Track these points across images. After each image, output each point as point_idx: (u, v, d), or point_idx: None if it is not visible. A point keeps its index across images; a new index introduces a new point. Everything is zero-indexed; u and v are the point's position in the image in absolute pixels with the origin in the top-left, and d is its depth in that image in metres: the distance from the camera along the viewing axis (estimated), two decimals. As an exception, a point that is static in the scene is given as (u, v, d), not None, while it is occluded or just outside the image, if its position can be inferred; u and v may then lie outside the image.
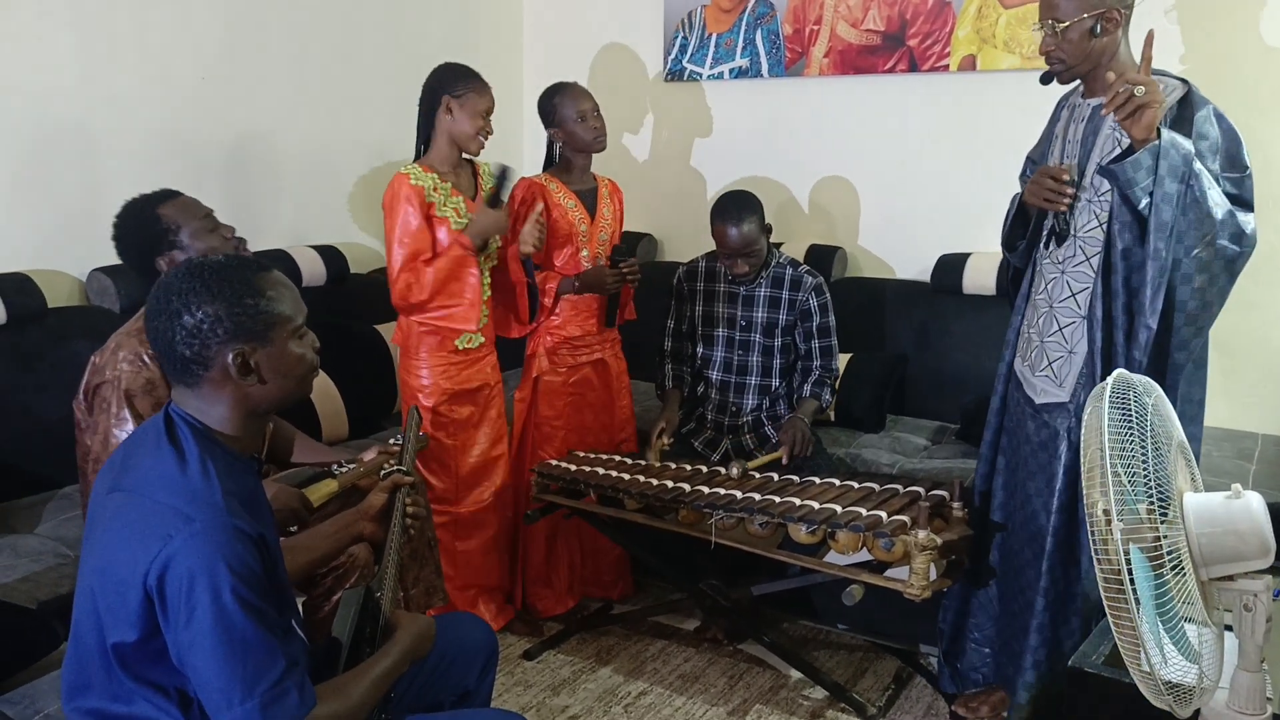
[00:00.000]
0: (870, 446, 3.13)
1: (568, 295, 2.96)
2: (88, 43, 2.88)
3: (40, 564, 2.22)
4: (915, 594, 2.19)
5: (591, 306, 3.01)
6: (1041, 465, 2.24)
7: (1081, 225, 2.15)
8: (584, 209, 2.99)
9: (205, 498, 1.36)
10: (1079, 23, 2.04)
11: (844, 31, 3.59)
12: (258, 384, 1.45)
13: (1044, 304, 2.24)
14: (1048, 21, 2.08)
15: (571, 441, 3.06)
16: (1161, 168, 1.90)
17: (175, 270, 1.46)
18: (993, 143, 3.34)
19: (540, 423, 3.05)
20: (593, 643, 2.99)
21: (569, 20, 4.22)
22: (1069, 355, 2.18)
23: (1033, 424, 2.27)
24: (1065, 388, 2.18)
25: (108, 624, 1.37)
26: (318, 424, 3.04)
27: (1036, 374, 2.25)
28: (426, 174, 2.69)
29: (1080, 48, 2.06)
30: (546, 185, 2.95)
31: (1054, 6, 2.06)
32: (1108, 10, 2.03)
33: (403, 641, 1.59)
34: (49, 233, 2.84)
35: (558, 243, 2.96)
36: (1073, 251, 2.16)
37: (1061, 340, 2.19)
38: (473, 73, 2.71)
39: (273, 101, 3.40)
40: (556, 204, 2.94)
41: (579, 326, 3.01)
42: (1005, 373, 2.39)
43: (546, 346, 3.00)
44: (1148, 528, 1.43)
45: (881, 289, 3.55)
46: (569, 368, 3.03)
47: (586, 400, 3.09)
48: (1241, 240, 1.97)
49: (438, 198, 2.68)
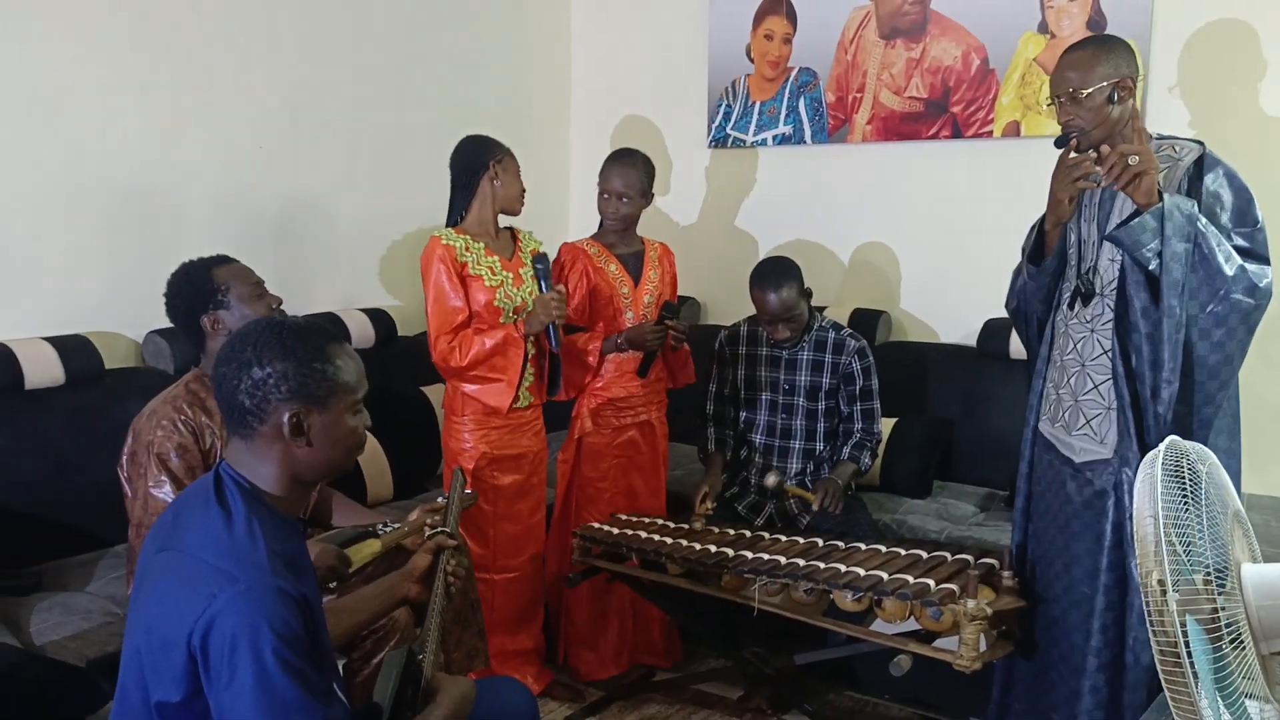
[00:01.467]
0: (916, 513, 3.08)
1: (611, 355, 2.97)
2: (154, 115, 2.99)
3: (90, 621, 2.25)
4: (965, 665, 2.14)
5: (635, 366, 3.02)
6: (1087, 524, 2.21)
7: (1107, 283, 2.17)
8: (626, 273, 3.02)
9: (250, 557, 1.37)
10: (1097, 90, 2.09)
11: (887, 99, 3.62)
12: (306, 447, 1.47)
13: (1074, 364, 2.25)
14: (1066, 93, 2.13)
15: (618, 504, 3.05)
16: (1167, 229, 1.98)
17: (256, 323, 1.51)
18: (1037, 207, 3.24)
19: (584, 484, 3.04)
20: (634, 711, 2.95)
21: (615, 88, 4.30)
22: (1107, 411, 2.18)
23: (1074, 484, 2.24)
24: (1108, 444, 2.18)
25: (152, 683, 1.37)
26: (363, 484, 3.07)
27: (1073, 433, 2.24)
28: (458, 235, 2.73)
29: (1100, 114, 2.11)
30: (587, 250, 2.99)
31: (1068, 80, 2.13)
32: (1122, 79, 2.10)
33: (444, 705, 1.59)
34: (108, 295, 2.93)
35: (599, 305, 2.98)
36: (1100, 310, 2.18)
37: (1098, 397, 2.19)
38: (496, 140, 2.80)
39: (326, 170, 3.49)
40: (598, 268, 2.98)
41: (623, 388, 3.01)
42: (1030, 437, 2.38)
43: (590, 408, 3.01)
44: (1204, 599, 1.39)
45: (926, 353, 3.52)
46: (614, 429, 3.02)
47: (634, 463, 3.07)
48: (1255, 293, 2.02)
49: (470, 257, 2.72)
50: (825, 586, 2.33)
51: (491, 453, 2.80)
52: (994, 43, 3.40)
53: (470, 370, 2.71)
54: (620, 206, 2.95)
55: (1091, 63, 2.10)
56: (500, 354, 2.71)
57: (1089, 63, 2.11)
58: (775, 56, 3.86)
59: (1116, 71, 2.09)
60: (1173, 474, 1.46)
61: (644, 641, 3.17)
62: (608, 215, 2.98)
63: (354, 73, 3.54)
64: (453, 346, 2.69)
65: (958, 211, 3.55)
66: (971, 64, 3.44)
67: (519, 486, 2.86)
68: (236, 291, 2.25)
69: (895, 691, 2.93)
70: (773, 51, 3.87)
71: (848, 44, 3.69)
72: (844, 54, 3.71)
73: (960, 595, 2.16)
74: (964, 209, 3.53)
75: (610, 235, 3.02)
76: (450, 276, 2.69)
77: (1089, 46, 2.15)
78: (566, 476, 3.06)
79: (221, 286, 2.24)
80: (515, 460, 2.84)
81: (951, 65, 3.48)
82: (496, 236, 2.81)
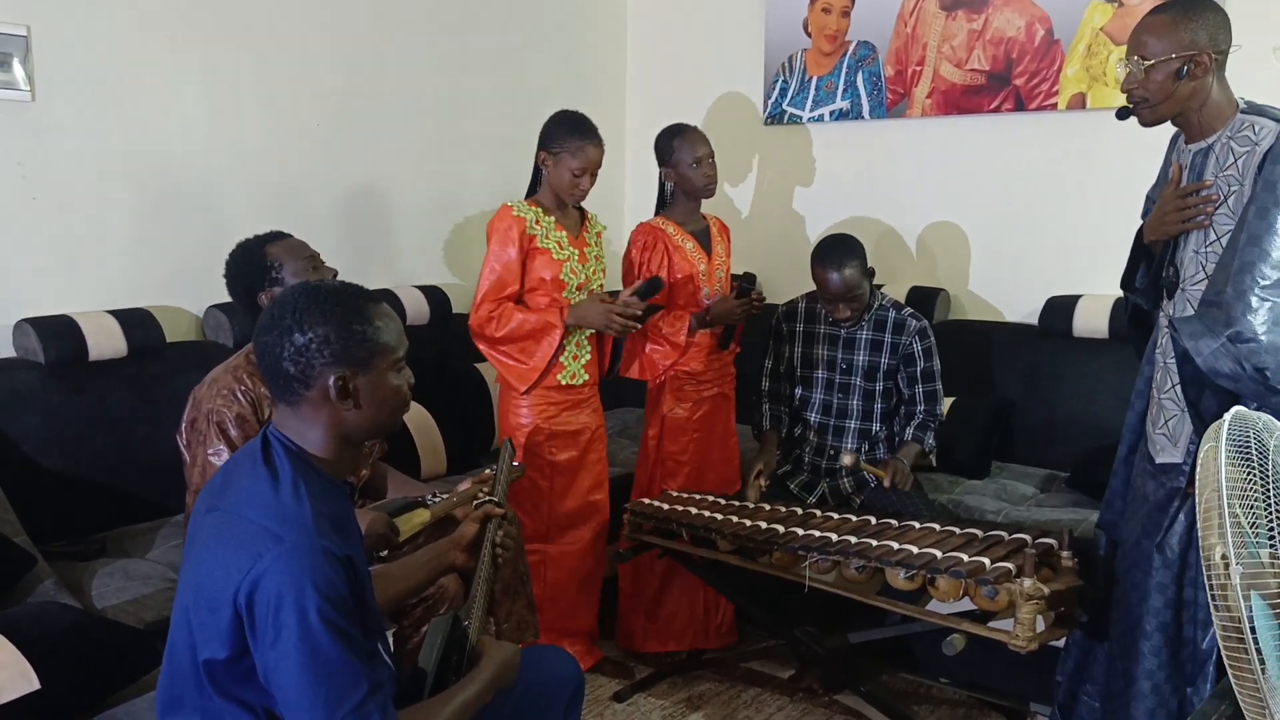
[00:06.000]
0: (974, 493, 3.02)
1: (697, 331, 2.95)
2: (214, 94, 3.03)
3: (149, 587, 2.30)
4: (1020, 646, 2.09)
5: (709, 341, 3.01)
6: (1158, 524, 2.13)
7: (1189, 277, 2.06)
8: (701, 249, 3.00)
9: (296, 518, 1.38)
10: (1165, 62, 1.96)
11: (947, 72, 3.54)
12: (353, 409, 1.48)
13: (1160, 359, 2.16)
14: (1134, 58, 2.01)
15: (695, 479, 3.04)
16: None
17: (292, 289, 1.51)
18: (1103, 182, 3.24)
19: (665, 458, 3.04)
20: (684, 688, 2.94)
21: (671, 65, 4.27)
22: (1182, 414, 2.07)
23: (1153, 483, 2.16)
24: (1179, 447, 2.09)
25: (200, 641, 1.39)
26: (417, 459, 3.09)
27: (1156, 430, 2.17)
28: (531, 208, 2.74)
29: (1165, 88, 1.99)
30: (664, 229, 2.98)
31: (1143, 44, 1.99)
32: (1198, 54, 1.95)
33: (488, 670, 1.59)
34: (170, 271, 2.99)
35: (680, 284, 2.97)
36: (1183, 306, 2.08)
37: (1175, 398, 2.09)
38: (577, 127, 2.72)
39: (385, 149, 3.52)
40: (676, 247, 2.97)
41: (700, 362, 3.00)
42: (1135, 424, 2.27)
43: (672, 385, 3.00)
44: (1271, 574, 1.33)
45: (987, 332, 3.45)
46: (694, 402, 3.02)
47: (711, 435, 3.07)
48: None
49: (539, 230, 2.73)
50: (877, 564, 2.29)
51: (548, 428, 2.80)
52: (1059, 12, 3.30)
53: (502, 344, 2.72)
54: (713, 170, 2.94)
55: (1166, 30, 1.96)
56: (534, 338, 2.72)
57: (1164, 29, 1.97)
58: (833, 30, 3.80)
59: (1194, 44, 1.94)
60: (1238, 445, 1.40)
61: (714, 626, 3.16)
62: (707, 181, 2.94)
63: (412, 52, 3.55)
64: (492, 316, 2.70)
65: (1020, 187, 3.46)
66: (1035, 34, 3.35)
67: (575, 462, 2.87)
68: (290, 267, 2.29)
69: (951, 674, 2.89)
70: (830, 25, 3.80)
71: (907, 16, 3.61)
72: (903, 26, 3.63)
73: (1016, 574, 2.11)
74: (1027, 184, 3.44)
75: (681, 212, 3.01)
76: (512, 246, 2.70)
77: (1171, 10, 1.99)
78: (653, 454, 3.05)
79: (275, 264, 2.28)
80: (573, 436, 2.85)
81: (1015, 36, 3.39)
82: (564, 213, 2.81)
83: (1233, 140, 1.98)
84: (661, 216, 3.03)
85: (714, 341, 3.01)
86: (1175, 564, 2.09)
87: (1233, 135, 1.99)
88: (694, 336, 2.95)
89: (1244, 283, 1.87)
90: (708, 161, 2.94)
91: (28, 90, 2.65)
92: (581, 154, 2.70)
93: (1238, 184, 1.95)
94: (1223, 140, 2.01)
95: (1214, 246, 2.00)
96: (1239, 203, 1.95)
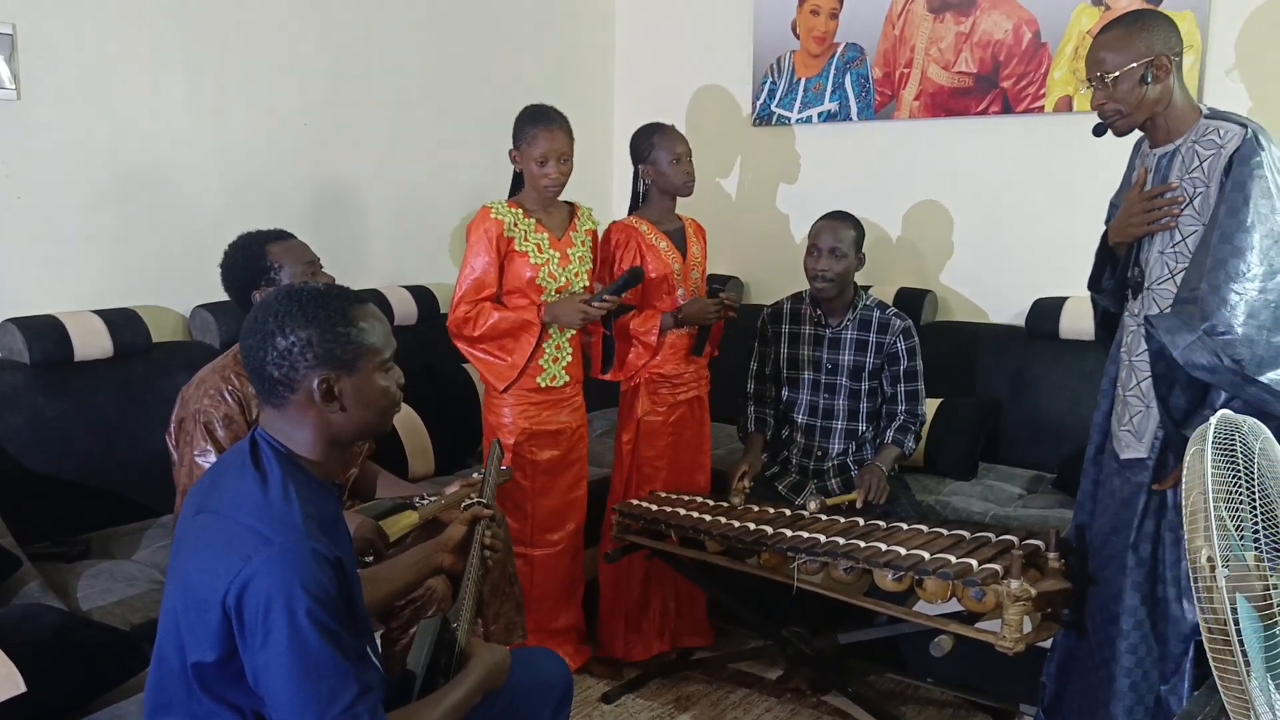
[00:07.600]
0: (961, 494, 3.04)
1: (669, 330, 2.95)
2: (200, 93, 3.02)
3: (135, 588, 2.28)
4: (1008, 647, 2.10)
5: (685, 343, 3.00)
6: (1126, 521, 2.17)
7: (1155, 277, 2.11)
8: (675, 249, 3.00)
9: (285, 520, 1.38)
10: (1128, 72, 2.02)
11: (935, 74, 3.56)
12: (339, 412, 1.48)
13: (1125, 357, 2.21)
14: (1097, 74, 2.06)
15: (671, 482, 3.04)
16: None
17: (275, 292, 1.50)
18: (1091, 184, 3.22)
19: (642, 463, 3.03)
20: (672, 689, 2.94)
21: (660, 64, 4.27)
22: (1147, 410, 2.12)
23: (1118, 479, 2.21)
24: (1144, 442, 2.13)
25: (189, 643, 1.39)
26: (405, 460, 3.09)
27: (1121, 428, 2.21)
28: (511, 209, 2.73)
29: (1133, 95, 2.04)
30: (638, 228, 2.97)
31: (1102, 61, 2.05)
32: (1155, 57, 2.01)
33: (477, 671, 1.59)
34: (156, 271, 2.96)
35: (653, 284, 2.96)
36: (1149, 305, 2.12)
37: (1139, 395, 2.14)
38: (535, 116, 2.71)
39: (371, 147, 3.50)
40: (650, 246, 2.96)
41: (674, 365, 3.00)
42: (1101, 423, 2.32)
43: (647, 388, 2.99)
44: (1256, 577, 1.34)
45: (974, 333, 3.46)
46: (669, 406, 3.01)
47: (683, 439, 3.07)
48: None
49: (518, 232, 2.72)
50: (865, 565, 2.30)
51: (530, 428, 2.80)
52: (1046, 16, 3.32)
53: (480, 342, 2.72)
54: (691, 168, 2.95)
55: (1121, 43, 2.03)
56: (512, 335, 2.71)
57: (1118, 43, 2.03)
58: (821, 32, 3.81)
59: (1149, 50, 2.00)
60: (1224, 448, 1.41)
61: (689, 624, 3.16)
62: (686, 179, 2.95)
63: (399, 49, 3.54)
64: (469, 316, 2.69)
65: (1007, 189, 3.47)
66: (1023, 37, 3.36)
67: (557, 462, 2.86)
68: (289, 269, 2.26)
69: (939, 675, 2.90)
70: (819, 27, 3.81)
71: (895, 18, 3.63)
72: (891, 29, 3.64)
73: (1003, 576, 2.12)
74: (1014, 186, 3.46)
75: (656, 211, 3.00)
76: (489, 250, 2.69)
77: (1120, 25, 2.06)
78: (629, 457, 3.05)
79: (274, 264, 2.25)
80: (554, 435, 2.85)
81: (1002, 39, 3.41)
82: (548, 212, 2.80)
83: (1197, 144, 2.04)
84: (636, 215, 3.02)
85: (690, 343, 3.01)
86: (1147, 563, 2.13)
87: (1197, 139, 2.04)
88: (665, 336, 2.94)
89: (1218, 278, 1.92)
90: (686, 159, 2.94)
91: (13, 89, 2.64)
92: (540, 141, 2.67)
93: (1203, 186, 2.01)
94: (1188, 144, 2.06)
95: (1180, 247, 2.05)
96: (1204, 204, 2.00)
